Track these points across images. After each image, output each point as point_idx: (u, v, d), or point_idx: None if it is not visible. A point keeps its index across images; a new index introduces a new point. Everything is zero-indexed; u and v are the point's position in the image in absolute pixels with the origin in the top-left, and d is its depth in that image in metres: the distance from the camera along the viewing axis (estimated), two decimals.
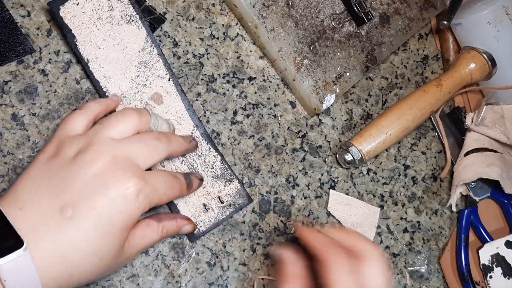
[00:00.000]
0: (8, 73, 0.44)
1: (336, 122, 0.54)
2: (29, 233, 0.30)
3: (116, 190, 0.32)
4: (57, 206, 0.31)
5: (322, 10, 0.51)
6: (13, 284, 0.28)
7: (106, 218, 0.32)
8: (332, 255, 0.33)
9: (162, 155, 0.37)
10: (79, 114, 0.37)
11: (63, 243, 0.31)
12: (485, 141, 0.56)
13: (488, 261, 0.53)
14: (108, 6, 0.43)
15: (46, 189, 0.32)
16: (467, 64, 0.55)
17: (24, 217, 0.31)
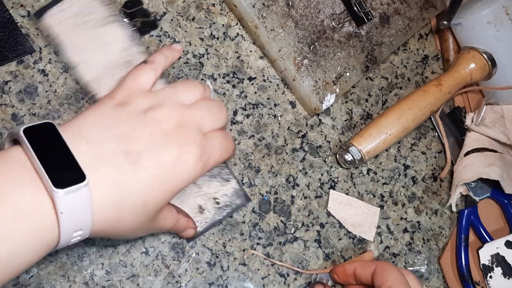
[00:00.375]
0: (8, 73, 0.44)
1: (336, 122, 0.54)
2: (91, 169, 0.29)
3: (179, 152, 0.33)
4: (122, 150, 0.31)
5: (322, 10, 0.51)
6: (68, 217, 0.28)
7: (165, 175, 0.33)
8: (384, 264, 0.43)
9: (222, 123, 0.38)
10: (149, 69, 0.37)
11: (121, 186, 0.31)
12: (485, 141, 0.56)
13: (488, 261, 0.53)
14: (89, 8, 0.43)
15: (115, 131, 0.32)
16: (467, 64, 0.55)
17: (89, 153, 0.30)
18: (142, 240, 0.45)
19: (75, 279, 0.42)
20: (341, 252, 0.51)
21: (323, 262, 0.50)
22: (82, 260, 0.43)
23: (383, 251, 0.53)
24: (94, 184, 0.29)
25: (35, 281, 0.41)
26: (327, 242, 0.51)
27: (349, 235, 0.52)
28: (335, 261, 0.50)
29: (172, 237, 0.46)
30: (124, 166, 0.31)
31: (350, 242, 0.52)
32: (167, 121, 0.34)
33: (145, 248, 0.45)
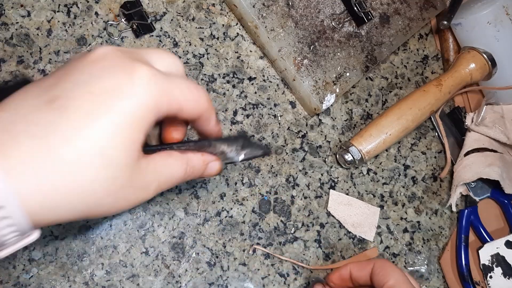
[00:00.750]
0: (8, 73, 0.44)
1: (336, 122, 0.54)
2: (6, 142, 0.21)
3: (122, 74, 0.24)
4: (44, 100, 0.23)
5: (322, 10, 0.51)
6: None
7: (107, 104, 0.23)
8: (382, 261, 0.42)
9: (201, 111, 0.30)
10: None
11: (53, 148, 0.22)
12: (485, 141, 0.56)
13: (488, 261, 0.53)
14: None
15: (36, 84, 0.25)
16: (467, 64, 0.55)
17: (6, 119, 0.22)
18: (142, 240, 0.45)
19: (75, 279, 0.42)
20: (341, 252, 0.51)
21: (323, 262, 0.50)
22: (82, 260, 0.43)
23: (383, 251, 0.53)
24: (12, 164, 0.21)
25: (35, 281, 0.41)
26: (327, 242, 0.51)
27: (349, 235, 0.52)
28: (335, 261, 0.50)
29: (172, 237, 0.46)
30: (49, 115, 0.23)
31: (350, 242, 0.52)
32: (103, 49, 0.26)
33: (145, 248, 0.45)
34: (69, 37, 0.45)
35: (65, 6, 0.46)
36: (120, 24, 0.47)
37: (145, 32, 0.47)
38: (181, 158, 0.31)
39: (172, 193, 0.47)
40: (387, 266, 0.41)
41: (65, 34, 0.45)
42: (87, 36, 0.46)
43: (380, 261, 0.42)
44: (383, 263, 0.41)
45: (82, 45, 0.46)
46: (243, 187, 0.49)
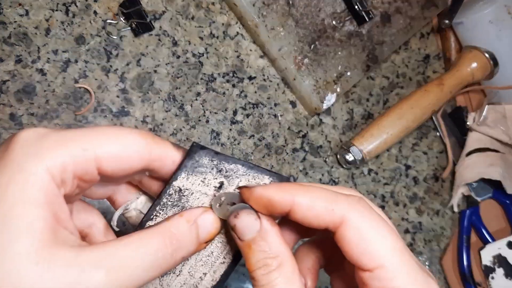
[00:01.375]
0: (6, 72, 0.43)
1: (337, 122, 0.53)
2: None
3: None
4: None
5: (323, 9, 0.51)
6: None
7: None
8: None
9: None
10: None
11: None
12: (487, 141, 0.56)
13: (490, 261, 0.53)
14: None
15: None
16: (469, 64, 0.54)
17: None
18: None
19: None
20: None
21: None
22: None
23: None
24: None
25: None
26: None
27: None
28: None
29: None
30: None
31: None
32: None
33: None
34: (68, 36, 0.45)
35: (64, 5, 0.45)
36: (119, 23, 0.47)
37: (144, 31, 0.47)
38: (158, 233, 0.23)
39: None
40: (371, 229, 0.23)
41: (64, 33, 0.45)
42: (85, 35, 0.46)
43: (355, 212, 0.23)
44: (361, 220, 0.23)
45: (80, 44, 0.45)
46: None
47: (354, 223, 0.23)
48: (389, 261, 0.22)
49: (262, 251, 0.24)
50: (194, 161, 0.26)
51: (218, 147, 0.48)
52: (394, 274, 0.22)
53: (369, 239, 0.22)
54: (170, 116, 0.47)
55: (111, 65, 0.46)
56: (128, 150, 0.23)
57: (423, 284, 0.22)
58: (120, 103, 0.46)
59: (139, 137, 0.23)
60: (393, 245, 0.22)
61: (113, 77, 0.46)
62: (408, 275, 0.22)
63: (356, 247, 0.23)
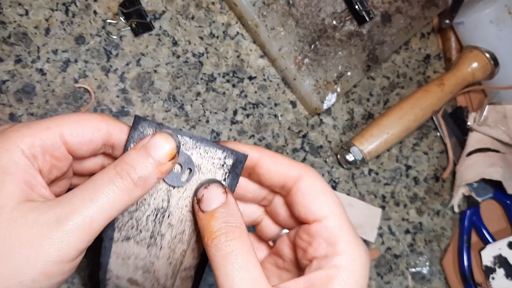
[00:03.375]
0: (6, 72, 0.43)
1: (337, 122, 0.53)
2: None
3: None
4: None
5: (323, 8, 0.51)
6: None
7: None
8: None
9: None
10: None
11: None
12: (487, 141, 0.56)
13: (491, 262, 0.53)
14: None
15: None
16: (470, 64, 0.54)
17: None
18: None
19: (73, 280, 0.42)
20: None
21: None
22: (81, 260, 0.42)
23: (385, 252, 0.52)
24: None
25: None
26: None
27: None
28: None
29: None
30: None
31: None
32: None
33: None
34: (68, 35, 0.45)
35: (63, 5, 0.45)
36: (119, 22, 0.47)
37: (144, 31, 0.47)
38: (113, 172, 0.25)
39: None
40: (321, 188, 0.28)
41: (63, 32, 0.45)
42: (85, 35, 0.46)
43: (309, 172, 0.28)
44: (314, 179, 0.28)
45: (80, 44, 0.45)
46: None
47: (309, 178, 0.27)
48: (335, 213, 0.27)
49: (225, 219, 0.26)
50: (139, 132, 0.28)
51: None
52: (339, 225, 0.26)
53: (320, 193, 0.27)
54: (170, 116, 0.47)
55: (111, 65, 0.46)
56: (89, 125, 0.26)
57: (357, 237, 0.27)
58: (120, 103, 0.46)
59: (98, 116, 0.27)
60: (337, 203, 0.27)
61: (113, 77, 0.46)
62: (348, 229, 0.27)
63: (309, 197, 0.27)
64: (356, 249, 0.26)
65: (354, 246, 0.26)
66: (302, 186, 0.27)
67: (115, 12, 0.47)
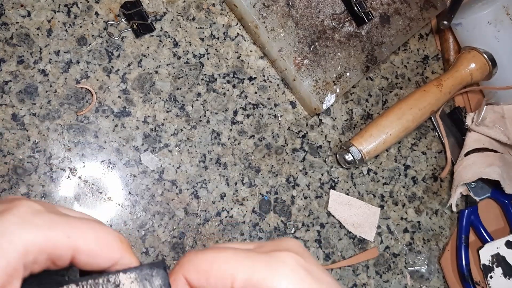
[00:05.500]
0: (8, 73, 0.44)
1: (337, 122, 0.54)
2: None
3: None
4: None
5: (323, 10, 0.51)
6: None
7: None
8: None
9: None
10: None
11: None
12: (485, 141, 0.56)
13: (489, 261, 0.53)
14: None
15: None
16: (468, 64, 0.55)
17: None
18: (142, 240, 0.45)
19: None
20: (341, 252, 0.51)
21: (323, 262, 0.50)
22: None
23: (384, 251, 0.53)
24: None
25: None
26: (327, 242, 0.51)
27: (350, 235, 0.52)
28: (335, 261, 0.50)
29: (172, 237, 0.45)
30: None
31: (350, 242, 0.51)
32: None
33: (145, 248, 0.45)
34: (69, 37, 0.45)
35: (65, 6, 0.46)
36: (120, 24, 0.47)
37: (145, 32, 0.47)
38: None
39: (172, 193, 0.47)
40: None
41: (65, 34, 0.45)
42: (87, 36, 0.46)
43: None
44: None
45: (82, 45, 0.46)
46: (243, 187, 0.49)
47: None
48: (238, 271, 0.21)
49: None
50: (149, 273, 0.26)
51: (218, 147, 0.49)
52: (246, 275, 0.21)
53: (215, 270, 0.22)
54: (171, 117, 0.48)
55: (113, 66, 0.46)
56: (107, 249, 0.23)
57: (268, 260, 0.22)
58: (122, 103, 0.46)
59: (119, 240, 0.24)
60: (232, 258, 0.22)
61: (114, 77, 0.46)
62: (256, 268, 0.21)
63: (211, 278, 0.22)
64: (275, 271, 0.21)
65: (272, 270, 0.21)
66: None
67: (116, 13, 0.47)
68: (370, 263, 0.52)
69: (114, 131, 0.46)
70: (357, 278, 0.51)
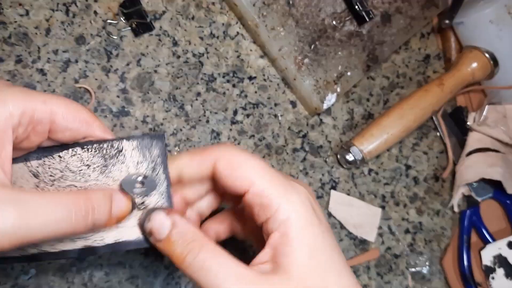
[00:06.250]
0: (6, 72, 0.43)
1: (337, 122, 0.53)
2: None
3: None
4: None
5: (323, 8, 0.51)
6: None
7: None
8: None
9: None
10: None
11: None
12: (487, 141, 0.56)
13: (490, 262, 0.53)
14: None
15: None
16: (469, 63, 0.54)
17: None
18: None
19: (73, 280, 0.42)
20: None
21: None
22: (81, 261, 0.42)
23: (385, 252, 0.52)
24: None
25: (33, 283, 0.41)
26: None
27: (350, 235, 0.51)
28: None
29: None
30: None
31: (351, 243, 0.51)
32: None
33: (145, 249, 0.44)
34: (68, 36, 0.45)
35: (64, 5, 0.45)
36: (119, 23, 0.47)
37: (144, 31, 0.47)
38: (75, 193, 0.24)
39: None
40: (238, 160, 0.28)
41: (64, 33, 0.45)
42: (86, 35, 0.46)
43: (224, 152, 0.28)
44: (230, 156, 0.28)
45: (80, 44, 0.45)
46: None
47: (224, 158, 0.27)
48: (258, 176, 0.27)
49: (182, 240, 0.27)
50: (149, 143, 0.28)
51: None
52: (265, 184, 0.27)
53: (237, 167, 0.27)
54: (170, 116, 0.47)
55: (111, 65, 0.46)
56: (80, 115, 0.27)
57: (286, 185, 0.27)
58: (120, 103, 0.46)
59: (88, 110, 0.28)
60: (257, 165, 0.27)
61: (113, 77, 0.46)
62: (275, 183, 0.27)
63: (230, 176, 0.27)
64: (289, 196, 0.27)
65: (286, 194, 0.27)
66: (219, 168, 0.28)
67: (115, 12, 0.47)
68: (371, 264, 0.52)
69: (113, 130, 0.46)
70: (358, 279, 0.51)
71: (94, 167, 0.28)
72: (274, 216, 0.26)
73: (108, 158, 0.28)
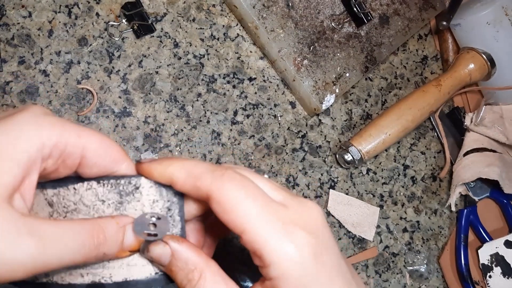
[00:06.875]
0: (10, 73, 0.44)
1: (336, 122, 0.54)
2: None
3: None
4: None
5: (322, 11, 0.51)
6: None
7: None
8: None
9: None
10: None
11: None
12: (484, 141, 0.56)
13: (488, 260, 0.53)
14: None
15: None
16: (466, 65, 0.55)
17: None
18: None
19: None
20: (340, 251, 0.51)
21: None
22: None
23: (383, 250, 0.53)
24: None
25: None
26: None
27: (349, 234, 0.52)
28: None
29: None
30: None
31: (350, 242, 0.52)
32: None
33: None
34: (70, 37, 0.46)
35: (66, 7, 0.46)
36: (121, 24, 0.47)
37: (145, 33, 0.48)
38: (89, 224, 0.24)
39: None
40: (231, 203, 0.25)
41: (66, 34, 0.46)
42: (88, 37, 0.46)
43: (217, 189, 0.25)
44: (221, 197, 0.25)
45: (83, 45, 0.46)
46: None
47: (215, 196, 0.25)
48: (250, 223, 0.24)
49: (181, 269, 0.26)
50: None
51: (218, 147, 0.49)
52: (257, 235, 0.24)
53: (229, 211, 0.24)
54: (171, 117, 0.48)
55: (113, 66, 0.47)
56: (111, 153, 0.26)
57: (283, 232, 0.24)
58: (122, 103, 0.47)
59: (120, 148, 0.27)
60: (249, 209, 0.24)
61: (115, 78, 0.47)
62: (268, 235, 0.24)
63: (222, 217, 0.25)
64: (284, 248, 0.24)
65: (281, 246, 0.24)
66: (212, 205, 0.25)
67: (117, 14, 0.47)
68: (369, 263, 0.52)
69: (115, 131, 0.46)
70: None
71: (109, 203, 0.27)
72: (267, 269, 0.24)
73: (124, 195, 0.27)
